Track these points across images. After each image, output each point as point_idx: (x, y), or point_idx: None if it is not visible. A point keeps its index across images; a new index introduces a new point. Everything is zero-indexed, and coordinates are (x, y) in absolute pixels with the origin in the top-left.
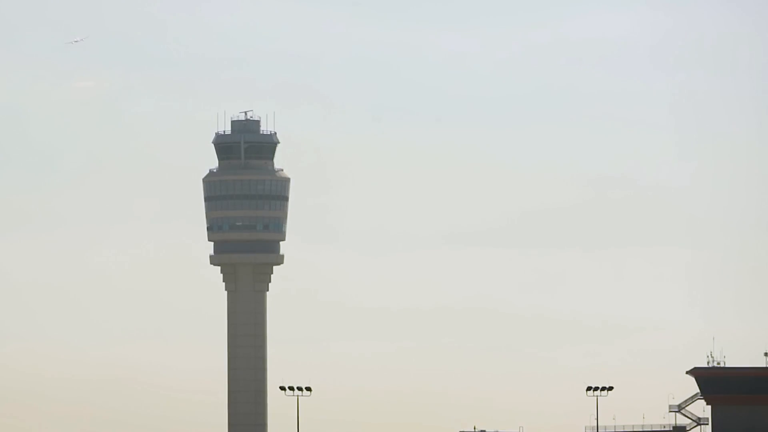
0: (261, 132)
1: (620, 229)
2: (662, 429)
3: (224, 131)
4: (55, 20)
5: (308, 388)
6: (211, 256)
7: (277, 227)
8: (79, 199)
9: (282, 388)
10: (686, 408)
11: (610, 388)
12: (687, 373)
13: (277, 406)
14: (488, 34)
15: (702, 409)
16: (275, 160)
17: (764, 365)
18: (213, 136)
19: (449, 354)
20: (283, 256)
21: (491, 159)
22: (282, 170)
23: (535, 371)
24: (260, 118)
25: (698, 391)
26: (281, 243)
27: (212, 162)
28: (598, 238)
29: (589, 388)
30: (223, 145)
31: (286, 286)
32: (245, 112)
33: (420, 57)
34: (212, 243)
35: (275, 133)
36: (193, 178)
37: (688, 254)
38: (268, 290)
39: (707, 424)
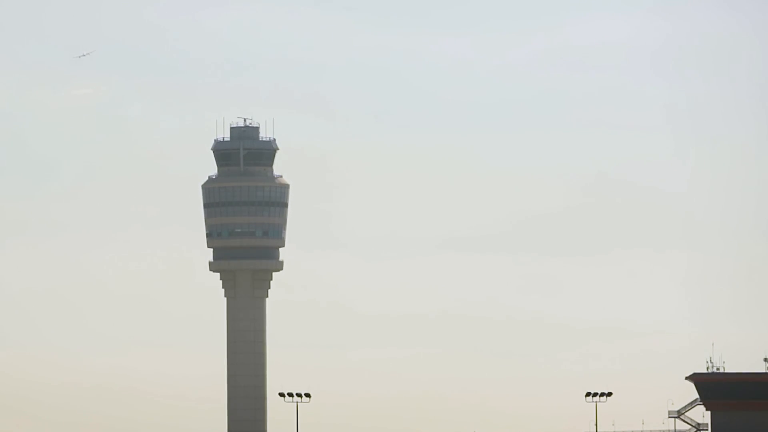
0: (260, 138)
1: (620, 233)
2: None
3: (223, 138)
4: (53, 27)
5: (308, 395)
6: (210, 263)
7: (276, 234)
8: (77, 206)
9: (281, 395)
10: (686, 414)
11: (609, 394)
12: (686, 378)
13: (277, 413)
14: (489, 40)
15: (701, 414)
16: (274, 166)
17: (764, 371)
18: (212, 142)
19: (449, 359)
20: (282, 262)
21: (492, 164)
22: (281, 177)
23: (534, 376)
24: (259, 124)
25: (698, 396)
26: (280, 249)
27: (211, 169)
28: (598, 242)
29: (588, 394)
30: (222, 151)
31: (285, 293)
32: (244, 119)
33: (420, 62)
34: (211, 249)
35: (274, 139)
36: (193, 185)
37: (688, 259)
38: (267, 297)
39: (707, 429)
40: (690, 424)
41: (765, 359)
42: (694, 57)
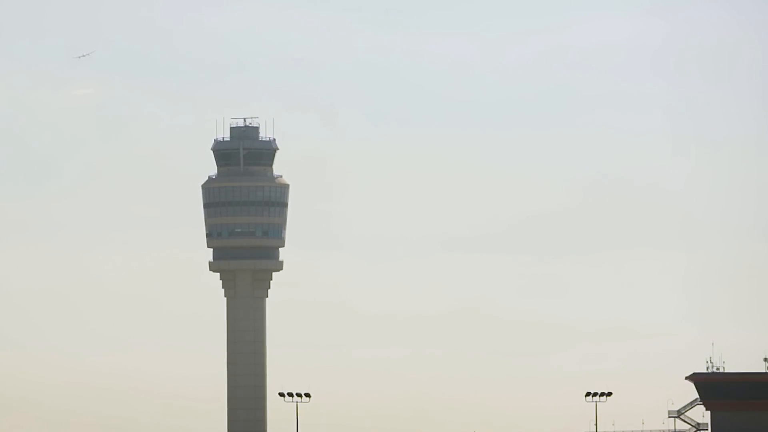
0: (260, 138)
1: (620, 233)
2: None
3: (223, 138)
4: (53, 27)
5: (307, 395)
6: (210, 263)
7: (276, 234)
8: (77, 206)
9: (281, 395)
10: (686, 413)
11: (609, 394)
12: (686, 378)
13: (277, 413)
14: (489, 40)
15: (701, 414)
16: (274, 166)
17: (763, 370)
18: (212, 142)
19: (448, 359)
20: (282, 262)
21: (492, 164)
22: (281, 176)
23: (534, 376)
24: (259, 124)
25: (697, 396)
26: (280, 249)
27: (211, 169)
28: (597, 242)
29: (588, 394)
30: (222, 151)
31: (285, 293)
32: (244, 119)
33: (420, 62)
34: (211, 249)
35: (274, 139)
36: (193, 185)
37: (688, 259)
38: (267, 296)
39: (707, 429)
40: (690, 424)
41: (765, 359)
42: (694, 57)
